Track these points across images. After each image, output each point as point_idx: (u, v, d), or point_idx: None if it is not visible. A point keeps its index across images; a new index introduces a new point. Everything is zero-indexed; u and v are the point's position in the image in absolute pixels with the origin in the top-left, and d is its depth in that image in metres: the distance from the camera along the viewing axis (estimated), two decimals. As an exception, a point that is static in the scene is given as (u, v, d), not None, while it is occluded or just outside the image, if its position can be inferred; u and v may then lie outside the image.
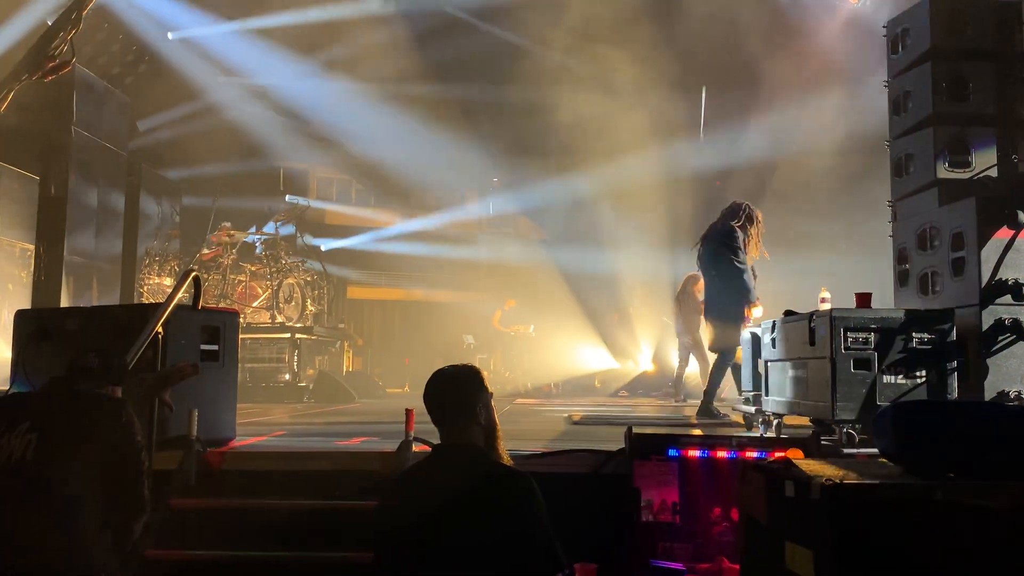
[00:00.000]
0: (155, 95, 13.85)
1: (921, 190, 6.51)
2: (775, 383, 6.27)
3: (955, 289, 5.85)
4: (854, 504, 2.53)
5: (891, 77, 6.97)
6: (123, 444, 3.41)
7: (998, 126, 6.42)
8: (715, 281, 8.15)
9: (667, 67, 13.02)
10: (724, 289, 7.96)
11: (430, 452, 3.29)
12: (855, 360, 5.21)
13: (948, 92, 6.41)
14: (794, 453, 4.73)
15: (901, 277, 6.59)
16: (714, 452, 4.86)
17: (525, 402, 12.66)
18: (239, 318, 6.14)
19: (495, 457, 3.17)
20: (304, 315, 13.18)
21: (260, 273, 12.99)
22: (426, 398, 3.16)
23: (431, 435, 3.50)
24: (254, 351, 12.28)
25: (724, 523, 4.75)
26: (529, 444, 5.61)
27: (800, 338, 5.68)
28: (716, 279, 8.12)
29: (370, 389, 14.09)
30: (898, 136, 6.84)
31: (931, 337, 5.23)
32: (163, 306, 5.09)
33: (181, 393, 4.95)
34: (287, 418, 8.87)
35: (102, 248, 11.66)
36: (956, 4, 6.54)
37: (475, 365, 3.30)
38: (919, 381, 5.19)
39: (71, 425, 3.35)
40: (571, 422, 8.30)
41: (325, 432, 7.22)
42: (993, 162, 6.34)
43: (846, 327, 5.23)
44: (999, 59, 6.47)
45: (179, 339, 5.31)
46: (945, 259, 5.98)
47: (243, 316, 12.03)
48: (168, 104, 14.25)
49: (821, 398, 5.34)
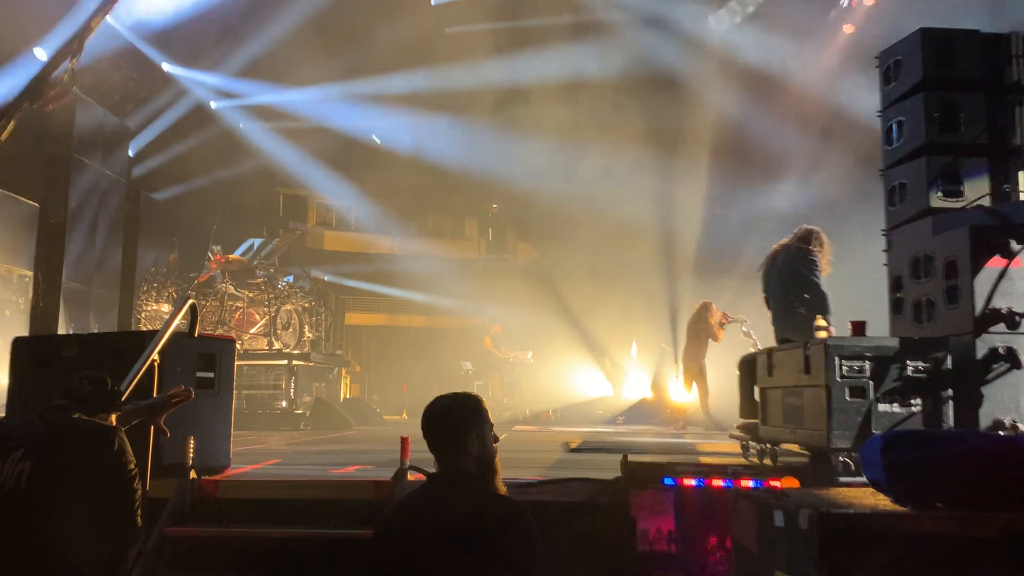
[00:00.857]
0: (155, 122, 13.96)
1: (914, 219, 6.54)
2: (771, 411, 6.27)
3: (949, 317, 5.86)
4: (843, 534, 2.54)
5: (884, 107, 7.02)
6: (116, 473, 3.40)
7: (990, 156, 6.47)
8: (793, 305, 8.08)
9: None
10: (807, 312, 7.94)
11: (425, 481, 3.29)
12: (850, 388, 5.21)
13: (940, 122, 6.45)
14: (790, 481, 4.74)
15: (896, 305, 6.60)
16: (710, 481, 4.86)
17: (523, 429, 12.63)
18: (236, 345, 6.16)
19: (490, 487, 3.17)
20: (302, 341, 13.18)
21: (258, 299, 13.00)
22: (422, 426, 3.18)
23: (428, 463, 3.52)
24: (251, 378, 12.26)
25: (720, 552, 4.73)
26: (526, 472, 5.61)
27: (795, 366, 5.69)
28: (795, 303, 8.05)
29: (367, 416, 14.06)
30: (891, 165, 6.87)
31: (926, 365, 5.24)
32: (159, 334, 5.10)
33: (177, 420, 4.94)
34: (283, 446, 8.84)
35: (100, 274, 11.70)
36: (947, 36, 6.61)
37: (475, 394, 3.31)
38: (914, 409, 5.19)
39: (64, 453, 3.34)
40: (568, 450, 8.28)
41: (321, 460, 7.20)
42: (985, 191, 6.38)
43: (841, 355, 5.24)
44: (990, 90, 6.53)
45: (175, 367, 5.32)
46: (939, 287, 6.00)
47: (240, 342, 12.05)
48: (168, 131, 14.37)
49: (817, 426, 5.33)
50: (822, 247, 8.16)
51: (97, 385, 3.67)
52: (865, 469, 3.14)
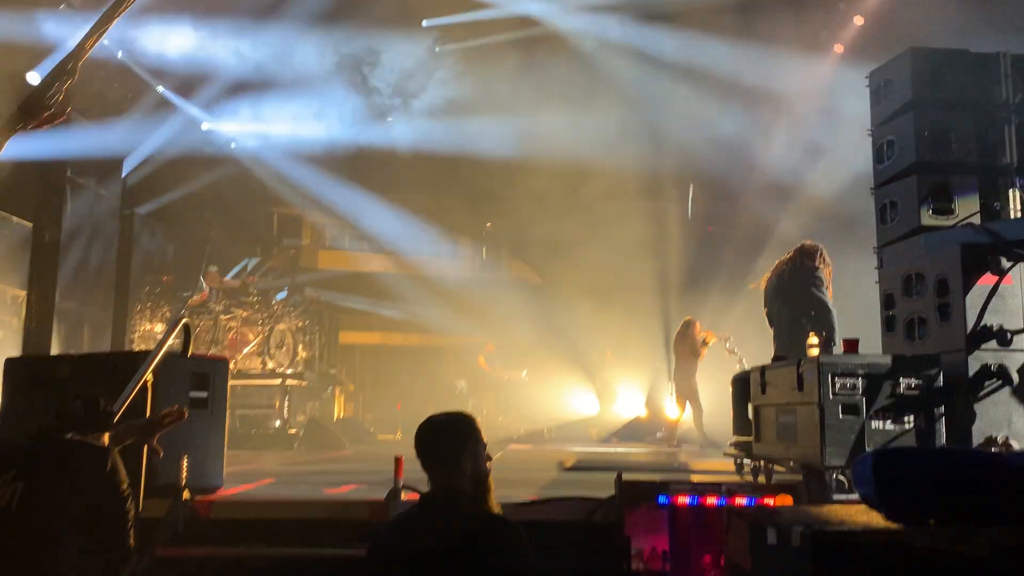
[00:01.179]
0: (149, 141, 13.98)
1: (906, 236, 6.58)
2: (764, 429, 6.28)
3: (941, 335, 5.89)
4: (835, 551, 2.54)
5: (874, 126, 7.08)
6: (108, 493, 3.40)
7: (980, 174, 6.52)
8: (800, 322, 8.02)
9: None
10: (813, 328, 7.90)
11: (418, 500, 3.28)
12: (843, 406, 5.22)
13: (930, 141, 6.51)
14: (783, 499, 4.74)
15: (888, 323, 6.62)
16: (704, 499, 4.85)
17: (518, 448, 12.60)
18: (229, 365, 6.15)
19: (484, 506, 3.17)
20: (295, 361, 13.15)
21: (251, 319, 12.99)
22: (416, 446, 3.18)
23: (422, 483, 3.51)
24: (245, 397, 12.23)
25: (714, 571, 4.72)
26: (520, 491, 5.60)
27: (789, 384, 5.70)
28: (800, 319, 8.00)
29: (361, 436, 14.01)
30: (882, 184, 6.93)
31: (918, 383, 5.26)
32: (152, 354, 5.09)
33: (170, 440, 4.92)
34: (277, 466, 8.81)
35: (94, 294, 11.69)
36: (936, 56, 6.68)
37: (468, 413, 3.31)
38: (907, 427, 5.21)
39: (56, 474, 3.34)
40: (563, 468, 8.27)
41: (314, 480, 7.18)
42: (976, 209, 6.43)
43: (834, 373, 5.25)
44: (980, 108, 6.60)
45: (168, 387, 5.31)
46: (931, 305, 6.03)
47: (234, 362, 12.02)
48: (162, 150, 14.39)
49: (810, 444, 5.34)
50: (826, 264, 8.19)
51: (89, 405, 3.67)
52: (857, 486, 3.15)
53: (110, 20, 6.96)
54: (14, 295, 11.15)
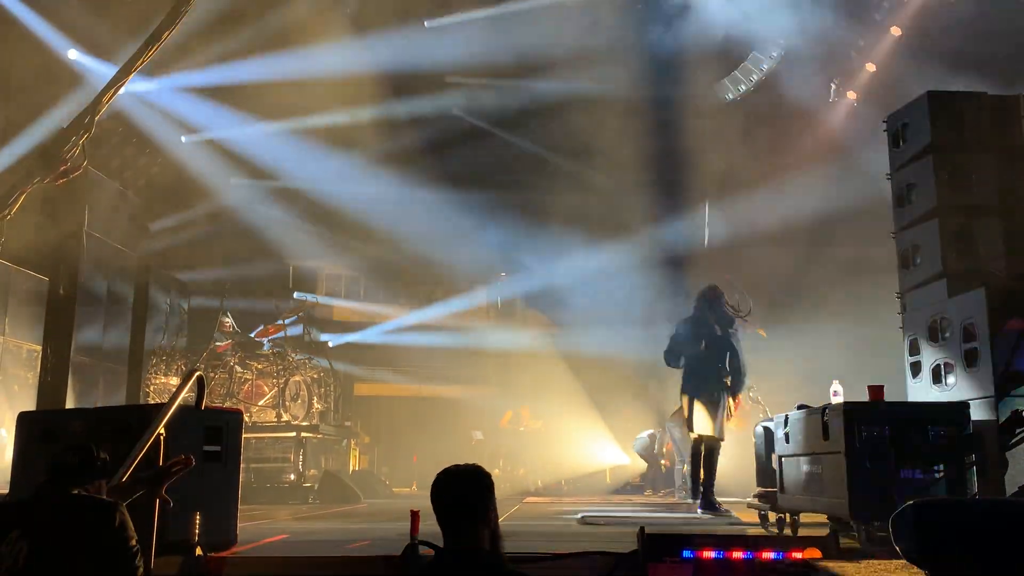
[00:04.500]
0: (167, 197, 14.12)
1: (929, 281, 6.49)
2: (790, 479, 6.12)
3: (969, 381, 5.76)
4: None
5: (893, 170, 7.03)
6: (117, 549, 3.31)
7: (1002, 216, 6.45)
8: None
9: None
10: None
11: (434, 556, 3.17)
12: (871, 455, 5.08)
13: (951, 184, 6.46)
14: (812, 552, 4.59)
15: (913, 369, 6.50)
16: (730, 553, 4.70)
17: (535, 500, 12.41)
18: (243, 417, 6.07)
19: (502, 561, 3.06)
20: (310, 413, 13.04)
21: (267, 371, 12.92)
22: (433, 499, 3.07)
23: (437, 538, 3.40)
24: (259, 450, 12.12)
25: (742, 627, 4.56)
26: (539, 545, 5.46)
27: (814, 432, 5.57)
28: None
29: (376, 489, 13.85)
30: (903, 228, 6.86)
31: (947, 430, 5.12)
32: (165, 407, 5.02)
33: (182, 495, 4.83)
34: (291, 520, 8.68)
35: (109, 348, 11.66)
36: (954, 98, 6.66)
37: (481, 466, 3.21)
38: (937, 476, 5.06)
39: (61, 531, 3.27)
40: (582, 522, 8.10)
41: (329, 536, 7.06)
42: (1000, 252, 6.34)
43: (860, 421, 5.12)
44: (1000, 151, 6.54)
45: (181, 440, 5.22)
46: (957, 350, 5.91)
47: (249, 415, 11.94)
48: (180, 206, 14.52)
49: (838, 494, 5.19)
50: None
51: (83, 455, 3.60)
52: (897, 540, 3.01)
53: (127, 74, 7.03)
54: (30, 349, 11.14)
